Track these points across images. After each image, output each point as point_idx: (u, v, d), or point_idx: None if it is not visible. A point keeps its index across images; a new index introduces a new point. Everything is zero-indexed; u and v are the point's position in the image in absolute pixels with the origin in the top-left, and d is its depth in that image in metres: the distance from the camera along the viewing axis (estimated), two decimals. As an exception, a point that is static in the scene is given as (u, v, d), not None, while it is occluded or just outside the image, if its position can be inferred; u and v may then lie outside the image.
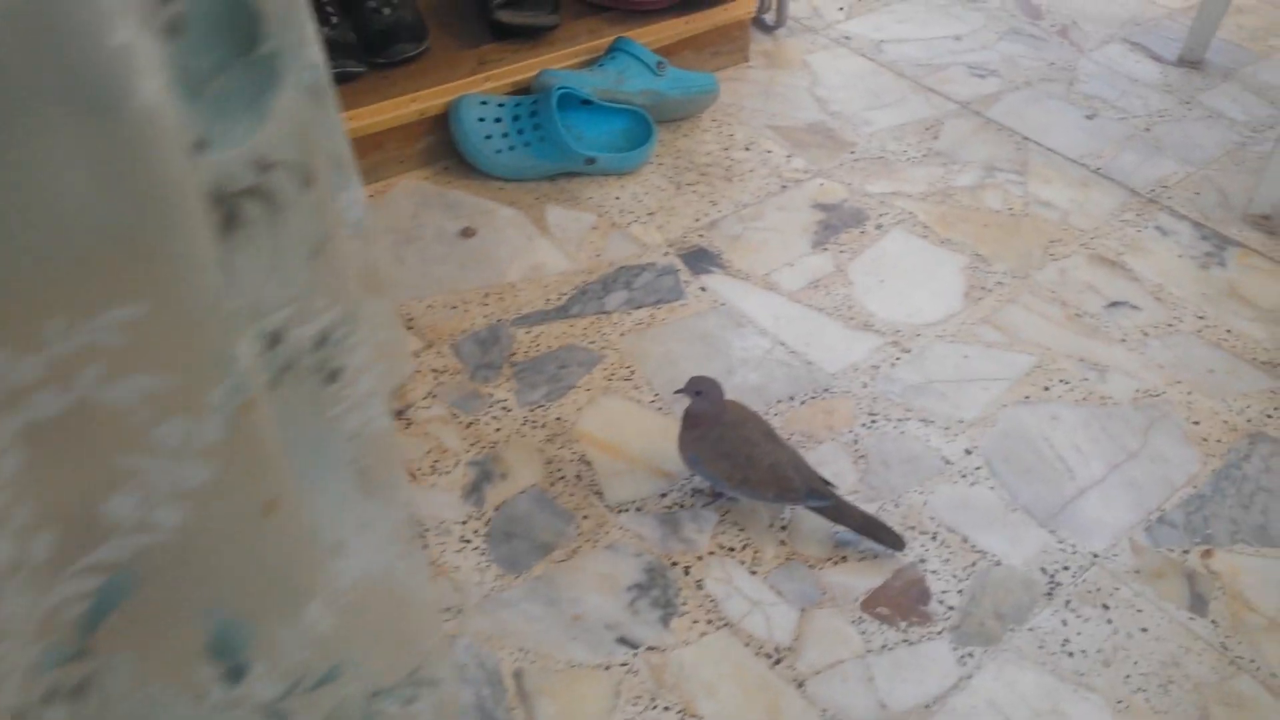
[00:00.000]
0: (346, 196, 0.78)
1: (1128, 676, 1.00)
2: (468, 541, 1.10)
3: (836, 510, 1.09)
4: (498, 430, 1.22)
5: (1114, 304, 1.44)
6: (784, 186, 1.62)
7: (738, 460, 1.08)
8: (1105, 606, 1.06)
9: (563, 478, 1.17)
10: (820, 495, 1.08)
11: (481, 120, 1.57)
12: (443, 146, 1.61)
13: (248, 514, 0.51)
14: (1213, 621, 1.05)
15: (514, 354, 1.32)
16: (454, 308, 1.38)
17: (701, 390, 1.10)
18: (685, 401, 1.13)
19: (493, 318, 1.37)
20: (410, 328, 1.35)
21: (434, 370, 1.29)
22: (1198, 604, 1.07)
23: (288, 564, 0.55)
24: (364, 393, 0.54)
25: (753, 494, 1.09)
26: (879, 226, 1.55)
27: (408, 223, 1.52)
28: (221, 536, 0.51)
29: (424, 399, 1.25)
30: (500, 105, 1.58)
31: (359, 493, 0.56)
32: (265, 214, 0.47)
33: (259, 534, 0.52)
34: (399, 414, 1.23)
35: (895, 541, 1.09)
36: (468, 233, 1.50)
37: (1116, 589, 1.08)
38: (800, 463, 1.10)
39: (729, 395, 1.14)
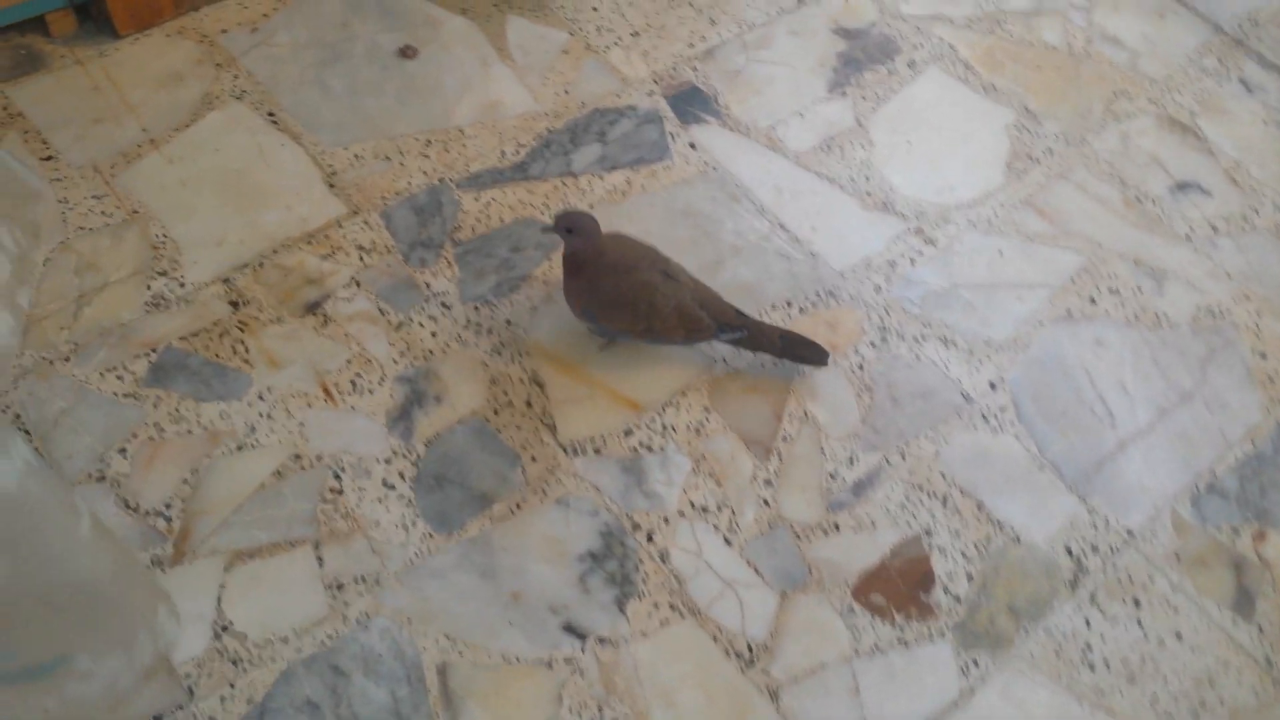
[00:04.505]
0: None
1: (1155, 697, 0.86)
2: (391, 487, 0.92)
3: (754, 338, 0.97)
4: (434, 335, 1.01)
5: (1181, 185, 1.20)
6: (800, 1, 1.33)
7: (639, 310, 0.94)
8: (1137, 603, 0.91)
9: (509, 404, 0.97)
10: (733, 327, 0.96)
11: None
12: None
13: None
14: (1258, 626, 0.90)
15: (458, 228, 1.08)
16: (387, 159, 1.13)
17: (573, 227, 0.92)
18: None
19: (435, 175, 1.12)
20: (332, 185, 1.10)
21: (360, 248, 1.06)
22: (1243, 602, 0.92)
23: None
24: None
25: (661, 341, 0.97)
26: (911, 64, 1.28)
27: (335, 34, 1.23)
28: None
29: (345, 287, 1.03)
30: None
31: None
32: None
33: None
34: (313, 307, 1.01)
35: (819, 356, 0.97)
36: (408, 52, 1.22)
37: (1151, 579, 0.92)
38: (707, 295, 0.96)
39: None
